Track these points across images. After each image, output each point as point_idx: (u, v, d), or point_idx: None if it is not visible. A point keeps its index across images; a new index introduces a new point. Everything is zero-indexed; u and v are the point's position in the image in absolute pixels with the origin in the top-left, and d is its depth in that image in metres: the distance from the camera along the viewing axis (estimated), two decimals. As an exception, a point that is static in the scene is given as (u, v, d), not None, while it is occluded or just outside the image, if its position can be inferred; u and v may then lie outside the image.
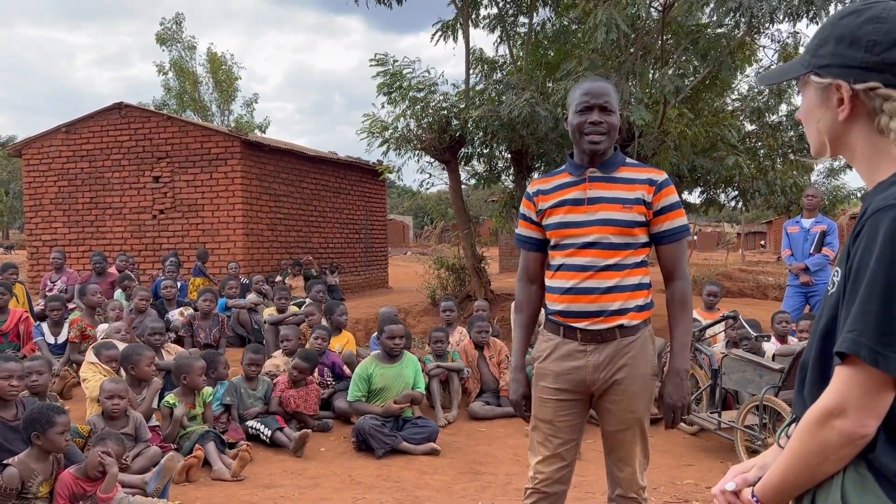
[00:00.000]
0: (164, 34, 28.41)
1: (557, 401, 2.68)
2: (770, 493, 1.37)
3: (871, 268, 1.19)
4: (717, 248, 44.35)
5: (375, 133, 10.07)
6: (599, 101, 2.61)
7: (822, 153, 1.42)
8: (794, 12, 7.79)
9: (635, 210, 2.60)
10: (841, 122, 1.34)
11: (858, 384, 1.20)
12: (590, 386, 2.65)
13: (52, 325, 7.07)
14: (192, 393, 5.22)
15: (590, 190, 2.64)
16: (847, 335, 1.20)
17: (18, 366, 4.24)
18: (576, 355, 2.63)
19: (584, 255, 2.61)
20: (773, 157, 11.59)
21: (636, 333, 2.63)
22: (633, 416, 2.65)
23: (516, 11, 10.42)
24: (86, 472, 3.83)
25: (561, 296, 2.64)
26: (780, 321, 6.41)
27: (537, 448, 2.74)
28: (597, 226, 2.59)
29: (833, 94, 1.34)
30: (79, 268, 11.34)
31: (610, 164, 2.67)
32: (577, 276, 2.61)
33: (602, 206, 2.61)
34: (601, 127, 2.61)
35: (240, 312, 8.57)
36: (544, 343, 2.73)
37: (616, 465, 2.73)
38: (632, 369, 2.62)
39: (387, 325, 5.93)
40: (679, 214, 2.66)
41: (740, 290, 14.38)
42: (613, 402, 2.65)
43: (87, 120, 12.39)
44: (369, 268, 16.24)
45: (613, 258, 2.59)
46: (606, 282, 2.58)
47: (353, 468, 5.09)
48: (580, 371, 2.63)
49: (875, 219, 1.21)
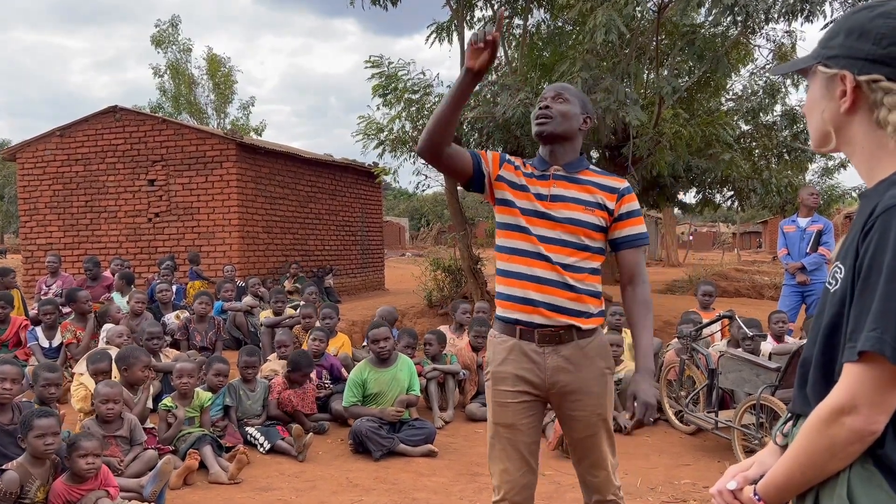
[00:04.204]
0: (160, 36, 28.35)
1: (518, 403, 2.64)
2: (774, 491, 1.36)
3: (888, 265, 1.19)
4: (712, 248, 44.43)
5: (371, 135, 10.08)
6: (551, 94, 2.68)
7: (826, 143, 1.42)
8: (790, 11, 7.81)
9: (596, 213, 2.61)
10: (842, 113, 1.35)
11: (872, 381, 1.20)
12: (549, 389, 2.62)
13: (45, 328, 7.05)
14: (188, 396, 5.21)
15: (553, 187, 2.64)
16: (869, 334, 1.19)
17: (13, 368, 4.23)
18: (533, 356, 2.60)
19: (542, 247, 2.58)
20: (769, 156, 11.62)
21: (592, 336, 2.63)
22: (599, 417, 2.64)
23: (511, 13, 10.42)
24: (74, 478, 3.82)
25: (516, 280, 2.61)
26: (776, 321, 6.42)
27: (500, 454, 2.67)
28: (559, 223, 2.59)
29: (837, 84, 1.35)
30: (74, 271, 11.30)
31: (574, 166, 2.68)
32: (534, 264, 2.59)
33: (565, 204, 2.61)
34: (548, 111, 2.64)
35: (236, 315, 8.55)
36: (500, 346, 2.68)
37: (589, 472, 2.70)
38: (590, 371, 2.61)
39: (371, 330, 5.93)
40: (639, 222, 2.67)
41: (736, 289, 14.41)
42: (577, 407, 2.63)
43: (82, 123, 12.36)
44: (365, 270, 16.22)
45: (572, 257, 2.58)
46: (564, 277, 2.56)
47: (350, 470, 5.08)
48: (537, 373, 2.60)
49: (886, 216, 1.22)
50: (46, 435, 3.71)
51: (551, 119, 2.63)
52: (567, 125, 2.65)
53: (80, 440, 3.84)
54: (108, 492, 3.88)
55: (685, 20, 9.06)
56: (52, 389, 4.60)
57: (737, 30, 8.78)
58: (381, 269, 17.17)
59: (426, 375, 6.36)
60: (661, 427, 6.18)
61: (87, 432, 4.15)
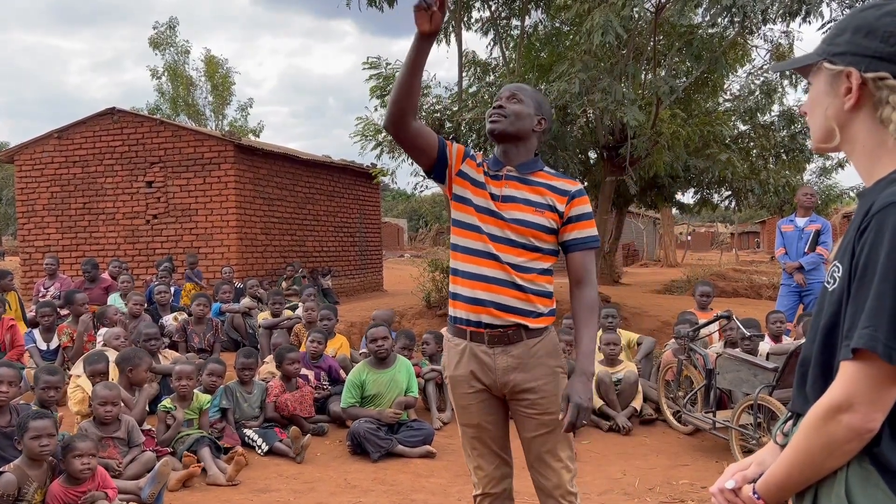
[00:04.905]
0: (158, 38, 28.34)
1: (479, 403, 2.67)
2: (773, 489, 1.37)
3: (882, 264, 1.19)
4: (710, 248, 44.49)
5: (369, 136, 10.08)
6: (506, 93, 2.68)
7: (829, 140, 1.41)
8: (787, 11, 7.82)
9: (546, 215, 2.60)
10: (846, 110, 1.35)
11: (868, 379, 1.20)
12: (501, 388, 2.63)
13: (43, 331, 7.04)
14: (187, 398, 5.21)
15: (505, 188, 2.64)
16: (863, 331, 1.20)
17: (10, 371, 4.22)
18: (484, 358, 2.61)
19: (492, 246, 2.58)
20: (766, 156, 11.64)
21: (541, 335, 2.63)
22: (552, 417, 2.62)
23: (508, 14, 10.43)
24: (71, 480, 3.81)
25: (466, 280, 2.62)
26: (774, 321, 6.42)
27: (472, 453, 2.73)
28: (508, 223, 2.58)
29: (843, 82, 1.35)
30: (72, 273, 11.30)
31: (527, 167, 2.68)
32: (484, 264, 2.59)
33: (514, 205, 2.60)
34: (502, 111, 2.64)
35: (234, 317, 8.55)
36: (453, 349, 2.69)
37: (540, 474, 2.67)
38: (541, 370, 2.61)
39: (369, 329, 5.95)
40: (589, 225, 2.67)
41: (734, 289, 14.42)
42: (529, 406, 2.63)
43: (80, 125, 12.35)
44: (364, 271, 16.22)
45: (521, 258, 2.58)
46: (513, 277, 2.56)
47: (348, 472, 5.08)
48: (489, 374, 2.61)
49: (882, 215, 1.22)
50: (42, 436, 3.70)
51: (504, 118, 2.63)
52: (519, 125, 2.64)
53: (74, 441, 3.84)
54: (107, 494, 3.87)
55: (683, 21, 9.08)
56: (52, 392, 4.59)
57: (734, 30, 8.79)
58: (380, 271, 17.18)
59: (424, 376, 6.36)
60: (660, 427, 6.19)
61: (83, 433, 4.14)
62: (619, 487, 4.74)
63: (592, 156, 11.31)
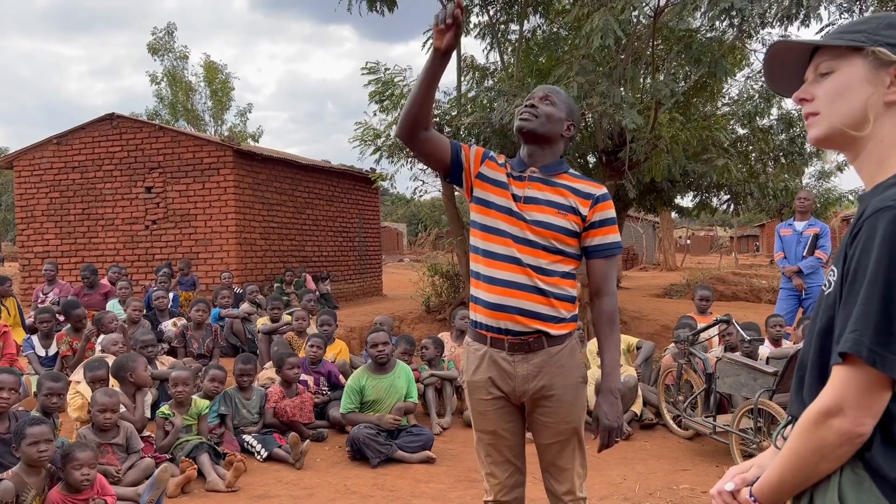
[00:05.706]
0: (156, 44, 28.38)
1: (496, 410, 2.64)
2: (767, 493, 1.37)
3: (871, 268, 1.19)
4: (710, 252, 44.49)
5: (368, 141, 10.07)
6: (540, 94, 2.66)
7: (860, 127, 1.35)
8: (785, 15, 7.83)
9: (569, 218, 2.57)
10: (885, 102, 1.33)
11: (857, 383, 1.20)
12: (520, 396, 2.61)
13: (42, 337, 7.03)
14: (185, 404, 5.20)
15: (527, 189, 2.61)
16: (849, 335, 1.20)
17: (10, 378, 4.21)
18: (504, 365, 2.58)
19: (515, 248, 2.55)
20: (765, 160, 11.64)
21: (563, 343, 2.59)
22: (569, 426, 2.61)
23: (507, 19, 10.43)
24: (69, 487, 3.80)
25: (485, 284, 2.58)
26: (773, 325, 6.41)
27: (485, 460, 2.71)
28: (530, 225, 2.55)
29: (889, 73, 1.32)
30: (71, 279, 11.28)
31: (551, 168, 2.65)
32: (506, 268, 2.55)
33: (537, 207, 2.57)
34: (534, 110, 2.62)
35: (233, 322, 8.54)
36: (473, 354, 2.67)
37: (555, 480, 2.67)
38: (562, 379, 2.58)
39: (369, 335, 5.94)
40: (612, 231, 2.63)
41: (734, 293, 14.43)
42: (547, 413, 2.61)
43: (79, 131, 12.36)
44: (363, 275, 16.21)
45: (543, 260, 2.54)
46: (535, 281, 2.52)
47: (347, 477, 5.07)
48: (508, 381, 2.59)
49: (873, 219, 1.22)
50: (39, 442, 3.70)
51: (535, 118, 2.61)
52: (549, 127, 2.62)
53: (74, 451, 3.82)
54: (106, 501, 3.86)
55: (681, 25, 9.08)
56: (55, 399, 4.57)
57: (733, 34, 8.79)
58: (379, 275, 17.17)
59: (424, 381, 6.35)
60: (660, 432, 6.18)
61: (82, 442, 4.13)
62: (620, 492, 4.73)
63: (591, 160, 11.30)
